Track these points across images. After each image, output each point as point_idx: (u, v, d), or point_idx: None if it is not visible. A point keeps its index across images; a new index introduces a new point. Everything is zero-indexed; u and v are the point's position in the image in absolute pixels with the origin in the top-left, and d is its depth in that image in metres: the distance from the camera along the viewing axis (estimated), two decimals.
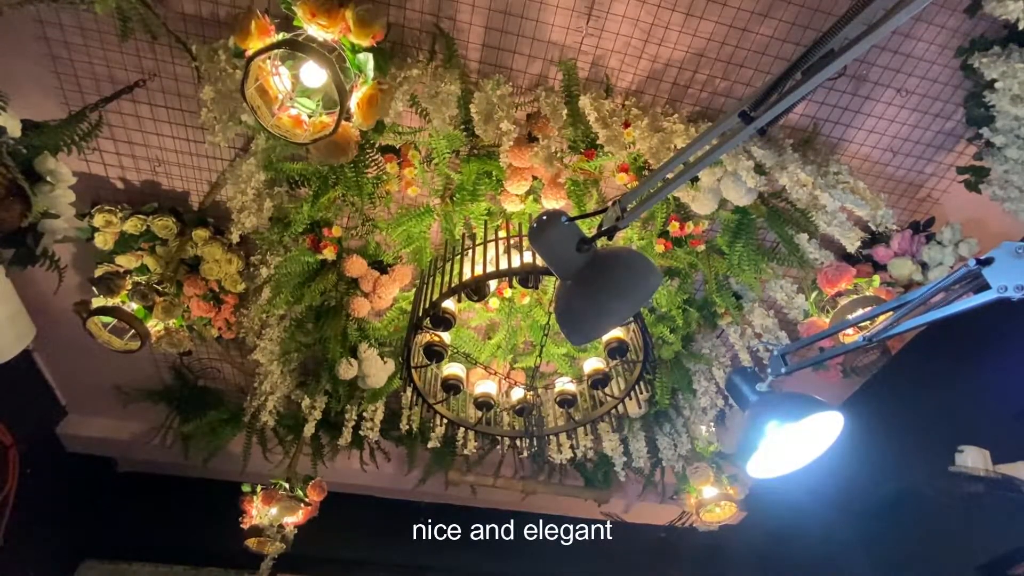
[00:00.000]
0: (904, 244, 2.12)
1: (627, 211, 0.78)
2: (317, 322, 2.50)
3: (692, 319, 2.47)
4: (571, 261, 0.79)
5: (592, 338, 0.86)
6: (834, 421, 0.84)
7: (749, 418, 0.84)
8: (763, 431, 0.80)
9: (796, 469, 0.91)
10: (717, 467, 2.86)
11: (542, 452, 2.79)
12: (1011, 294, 0.52)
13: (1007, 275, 0.52)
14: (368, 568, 4.04)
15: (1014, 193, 1.95)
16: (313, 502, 2.71)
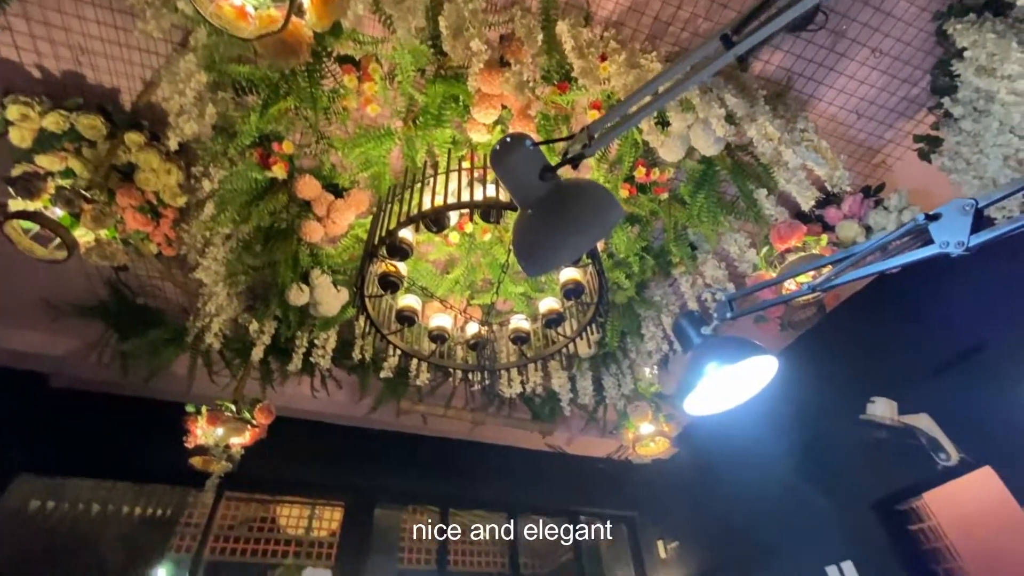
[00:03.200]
0: (854, 207, 2.20)
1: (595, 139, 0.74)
2: (266, 244, 2.38)
3: (648, 266, 2.52)
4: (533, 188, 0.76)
5: (548, 269, 0.85)
6: (769, 365, 0.88)
7: (691, 359, 0.88)
8: (703, 371, 0.83)
9: (728, 408, 0.97)
10: (656, 406, 3.04)
11: (493, 386, 2.87)
12: (951, 250, 0.54)
13: (951, 231, 0.54)
14: (319, 489, 4.17)
15: (961, 165, 2.02)
16: (261, 424, 2.70)
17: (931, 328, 2.73)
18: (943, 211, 0.56)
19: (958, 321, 2.62)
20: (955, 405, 2.51)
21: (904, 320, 2.88)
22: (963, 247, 0.54)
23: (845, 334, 3.17)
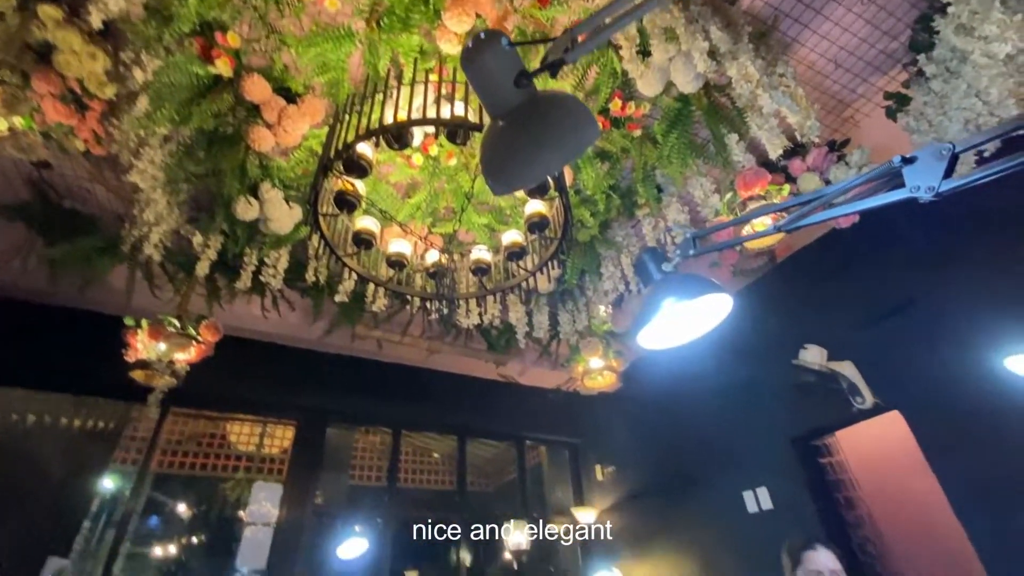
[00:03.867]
0: (818, 160, 2.22)
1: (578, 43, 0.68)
2: (210, 150, 2.19)
3: (613, 205, 2.51)
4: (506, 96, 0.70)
5: (516, 187, 0.81)
6: (723, 303, 0.90)
7: (649, 294, 0.88)
8: (659, 306, 0.84)
9: (679, 344, 0.99)
10: (606, 343, 3.15)
11: (451, 316, 2.88)
12: (921, 195, 0.54)
13: (924, 176, 0.54)
14: (271, 409, 4.17)
15: (924, 126, 2.06)
16: (207, 341, 2.62)
17: (868, 284, 2.90)
18: (919, 155, 0.55)
19: (892, 279, 2.78)
20: (878, 355, 2.73)
21: (844, 275, 3.03)
22: (933, 192, 0.54)
23: (789, 285, 3.32)
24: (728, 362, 3.63)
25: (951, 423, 2.41)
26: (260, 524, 3.72)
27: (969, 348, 2.35)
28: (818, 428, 3.11)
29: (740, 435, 3.48)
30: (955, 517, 2.34)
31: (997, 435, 2.23)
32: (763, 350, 3.37)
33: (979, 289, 2.39)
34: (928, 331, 2.55)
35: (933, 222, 2.64)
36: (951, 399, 2.41)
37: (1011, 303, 2.21)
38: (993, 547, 2.20)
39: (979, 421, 2.30)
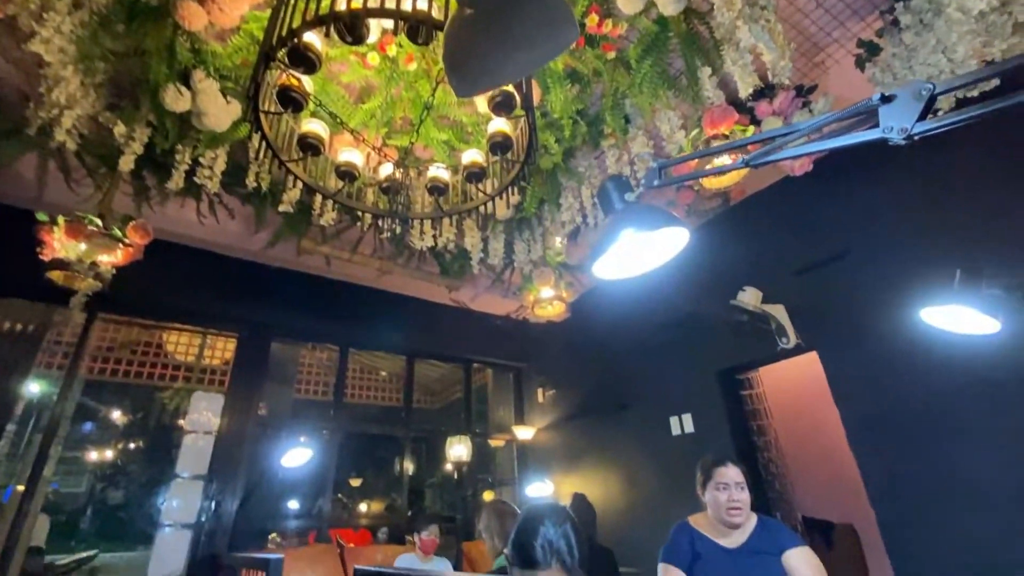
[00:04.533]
0: (784, 104, 2.21)
1: None
2: (131, 24, 1.90)
3: (579, 132, 2.43)
4: None
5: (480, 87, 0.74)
6: (680, 237, 0.91)
7: (610, 223, 0.87)
8: (618, 236, 0.83)
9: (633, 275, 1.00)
10: (559, 274, 3.19)
11: (404, 236, 2.79)
12: (893, 136, 0.54)
13: (899, 116, 0.53)
14: (210, 320, 4.01)
15: (888, 79, 2.07)
16: (135, 244, 2.43)
17: (809, 232, 3.04)
18: (899, 93, 0.54)
19: (832, 229, 2.92)
20: (807, 300, 2.92)
21: (789, 222, 3.16)
22: (905, 134, 0.53)
23: (738, 228, 3.43)
24: (671, 298, 3.79)
25: (861, 366, 2.66)
26: (201, 432, 3.70)
27: (892, 299, 2.55)
28: (744, 364, 3.36)
29: (672, 366, 3.71)
30: (849, 450, 2.65)
31: (899, 381, 2.49)
32: (704, 289, 3.53)
33: (910, 245, 2.56)
34: (857, 281, 2.74)
35: (879, 177, 2.75)
36: (865, 345, 2.64)
37: (935, 259, 2.39)
38: (878, 478, 2.52)
39: (886, 367, 2.55)
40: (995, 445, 2.13)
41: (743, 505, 1.77)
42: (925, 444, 2.35)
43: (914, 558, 2.30)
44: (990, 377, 2.16)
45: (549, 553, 1.14)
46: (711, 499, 1.83)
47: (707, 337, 3.51)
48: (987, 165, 2.37)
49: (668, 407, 3.65)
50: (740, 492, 1.78)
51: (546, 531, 1.16)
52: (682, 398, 3.59)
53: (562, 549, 1.15)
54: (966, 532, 2.16)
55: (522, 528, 1.21)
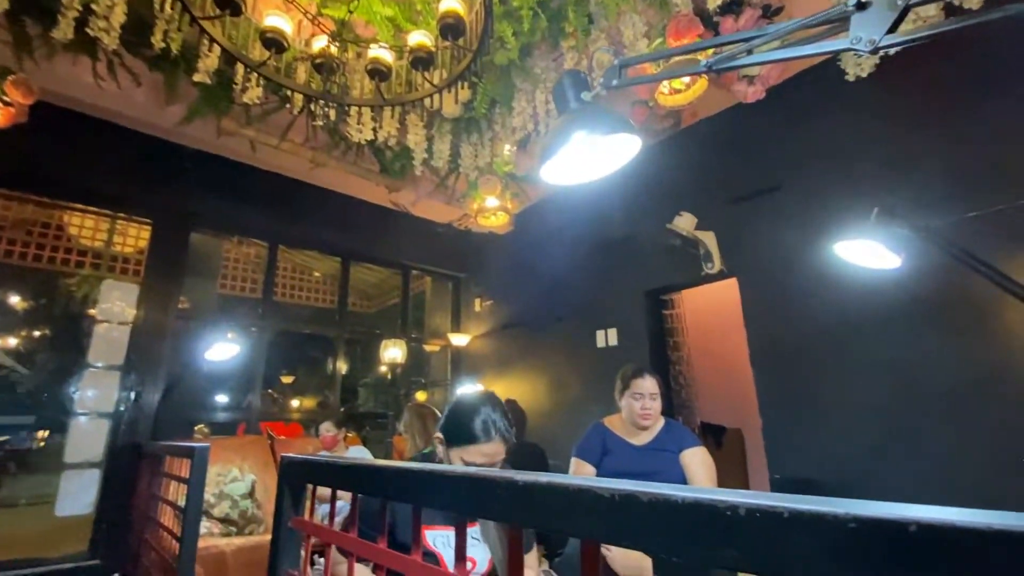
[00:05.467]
0: (748, 23, 2.15)
1: None
2: None
3: (539, 27, 2.25)
4: None
5: None
6: (632, 145, 0.89)
7: (562, 123, 0.83)
8: (570, 137, 0.80)
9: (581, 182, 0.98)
10: (505, 184, 3.11)
11: (340, 125, 2.57)
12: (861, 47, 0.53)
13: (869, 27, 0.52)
14: (115, 203, 3.63)
15: None
16: (16, 103, 2.08)
17: (748, 163, 3.12)
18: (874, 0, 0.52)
19: (770, 162, 3.01)
20: (736, 229, 3.07)
21: (731, 151, 3.22)
22: (872, 46, 0.52)
23: (682, 153, 3.46)
24: (610, 218, 3.85)
25: (774, 294, 2.89)
26: (115, 323, 3.48)
27: (812, 234, 2.72)
28: (669, 285, 3.56)
29: (604, 283, 3.87)
30: (749, 367, 2.95)
31: (805, 309, 2.73)
32: (643, 211, 3.60)
33: (835, 184, 2.70)
34: (783, 215, 2.89)
35: (819, 117, 2.82)
36: (781, 275, 2.86)
37: (855, 199, 2.55)
38: (769, 392, 2.84)
39: (796, 296, 2.78)
40: (871, 373, 2.45)
41: (653, 412, 1.96)
42: (814, 366, 2.66)
43: (786, 458, 2.69)
44: (881, 312, 2.42)
45: (490, 428, 1.25)
46: (626, 405, 2.00)
47: (639, 259, 3.65)
48: (910, 113, 2.48)
49: (596, 322, 3.85)
50: (652, 401, 1.96)
51: (486, 411, 1.27)
52: (610, 314, 3.79)
53: (500, 425, 1.27)
54: (831, 442, 2.54)
55: (461, 410, 1.31)
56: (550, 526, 0.52)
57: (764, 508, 0.37)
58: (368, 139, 2.49)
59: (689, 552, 0.40)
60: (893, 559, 0.29)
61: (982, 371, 2.12)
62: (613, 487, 0.47)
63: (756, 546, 0.37)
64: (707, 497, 0.40)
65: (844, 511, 0.31)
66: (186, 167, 3.60)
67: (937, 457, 2.18)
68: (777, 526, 0.36)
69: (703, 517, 0.40)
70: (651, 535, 0.43)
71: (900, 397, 2.33)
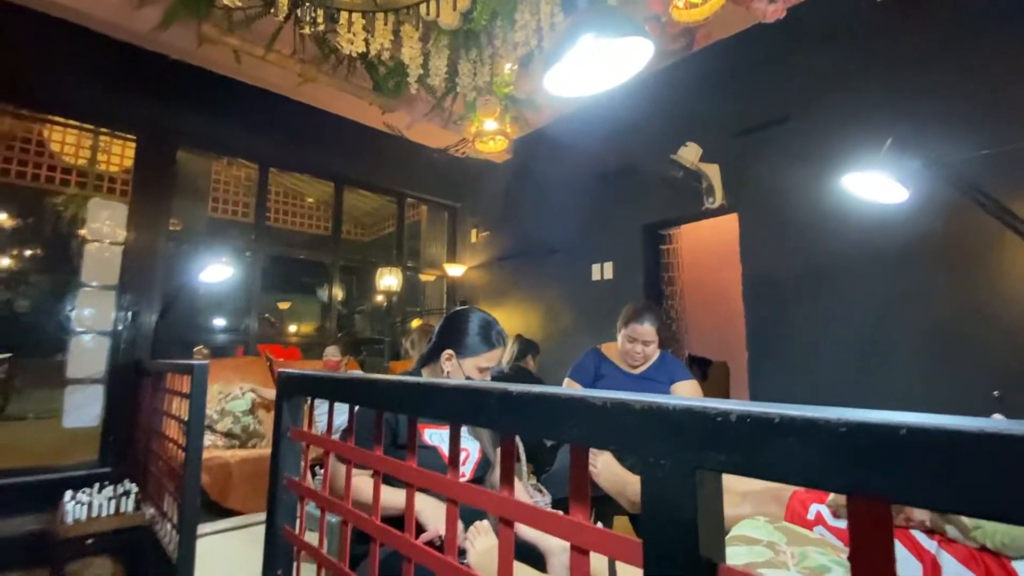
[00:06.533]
0: None
1: None
2: None
3: None
4: None
5: None
6: (644, 50, 0.82)
7: (569, 26, 0.76)
8: (576, 41, 0.73)
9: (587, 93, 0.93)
10: (505, 107, 2.97)
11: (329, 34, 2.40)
12: None
13: None
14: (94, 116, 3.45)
15: None
16: None
17: (758, 92, 2.98)
18: None
19: (781, 92, 2.88)
20: (741, 162, 2.98)
21: (742, 79, 3.06)
22: None
23: (690, 79, 3.29)
24: (611, 149, 3.74)
25: (773, 230, 2.86)
26: (106, 243, 3.43)
27: (818, 168, 2.65)
28: (669, 220, 3.52)
29: (602, 217, 3.82)
30: (740, 303, 2.98)
31: (803, 244, 2.72)
32: (646, 141, 3.49)
33: (846, 116, 2.59)
34: (790, 148, 2.80)
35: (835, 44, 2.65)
36: (783, 210, 2.81)
37: (865, 133, 2.46)
38: (758, 327, 2.89)
39: (796, 231, 2.76)
40: (859, 309, 2.48)
41: (644, 359, 1.99)
42: (804, 301, 2.69)
43: (768, 390, 2.79)
44: (875, 249, 2.42)
45: (501, 336, 1.42)
46: (621, 343, 2.03)
47: (638, 192, 3.57)
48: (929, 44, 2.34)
49: (592, 255, 3.84)
50: (645, 347, 1.99)
51: (492, 322, 1.44)
52: (607, 247, 3.77)
53: (505, 335, 1.44)
54: (813, 376, 2.62)
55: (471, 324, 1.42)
56: (542, 433, 0.54)
57: (755, 414, 0.37)
58: (360, 51, 2.33)
59: (677, 456, 0.41)
60: (882, 461, 0.29)
61: (967, 307, 2.16)
62: (605, 396, 0.47)
63: (745, 450, 0.37)
64: (699, 404, 0.41)
65: (836, 416, 0.32)
66: (169, 79, 3.40)
67: (917, 391, 2.26)
68: (768, 431, 0.36)
69: (694, 422, 0.40)
70: (640, 440, 0.44)
71: (884, 332, 2.38)
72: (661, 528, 0.42)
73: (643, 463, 0.43)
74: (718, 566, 0.39)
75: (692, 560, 0.40)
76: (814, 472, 0.33)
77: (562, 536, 0.51)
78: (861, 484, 0.30)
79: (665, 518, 0.41)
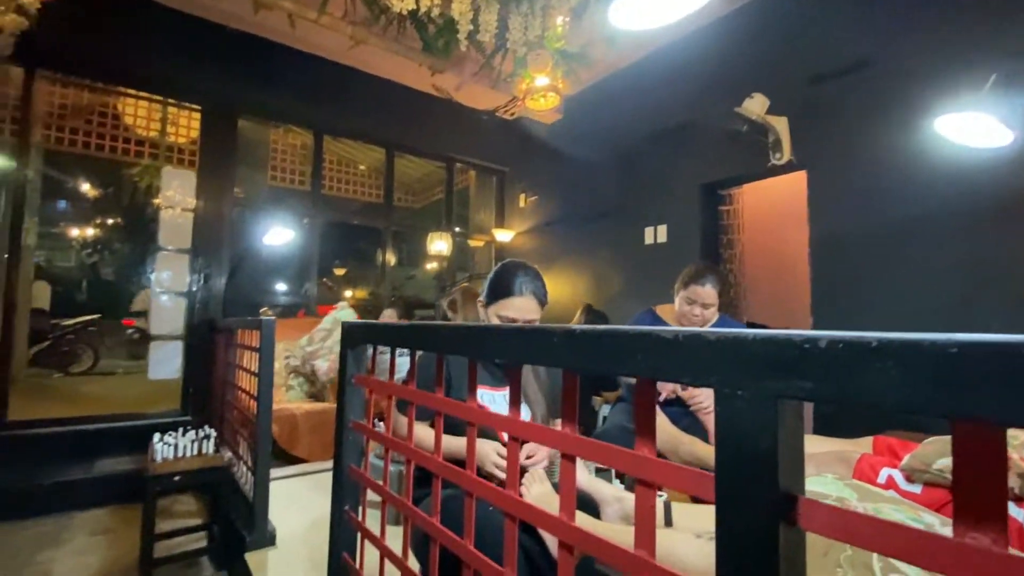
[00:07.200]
0: None
1: None
2: None
3: None
4: None
5: None
6: None
7: None
8: None
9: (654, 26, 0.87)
10: (556, 61, 2.88)
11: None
12: None
13: None
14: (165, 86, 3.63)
15: None
16: None
17: (832, 37, 2.72)
18: None
19: (856, 36, 2.62)
20: (811, 115, 2.77)
21: (814, 24, 2.81)
22: None
23: (757, 23, 3.06)
24: (666, 104, 3.56)
25: (846, 187, 2.65)
26: (178, 209, 3.65)
27: (902, 116, 2.42)
28: (729, 179, 3.34)
29: (656, 177, 3.67)
30: (803, 266, 2.81)
31: (879, 203, 2.51)
32: (704, 95, 3.30)
33: (936, 56, 2.33)
34: (869, 96, 2.56)
35: None
36: (858, 165, 2.60)
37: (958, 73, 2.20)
38: (824, 292, 2.73)
39: (871, 188, 2.55)
40: (941, 273, 2.28)
41: (703, 322, 1.93)
42: (882, 267, 2.50)
43: None
44: (966, 207, 2.19)
45: (523, 285, 1.39)
46: (679, 305, 1.97)
47: (697, 150, 3.40)
48: None
49: (646, 218, 3.72)
50: (704, 310, 1.92)
51: (518, 271, 1.41)
52: (661, 209, 3.64)
53: (532, 286, 1.40)
54: None
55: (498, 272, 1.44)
56: (608, 368, 0.53)
57: (849, 339, 0.35)
58: (410, 8, 2.31)
59: (757, 385, 0.39)
60: (999, 382, 0.27)
61: None
62: (676, 329, 0.46)
63: (836, 376, 0.35)
64: (781, 333, 0.39)
65: (945, 338, 0.30)
66: (228, 49, 3.51)
67: None
68: (862, 356, 0.34)
69: (777, 351, 0.38)
70: (715, 370, 0.42)
71: (974, 302, 2.18)
72: (737, 460, 0.40)
73: (719, 394, 0.41)
74: (798, 499, 0.38)
75: (770, 492, 0.38)
76: (916, 397, 0.31)
77: (628, 471, 0.51)
78: (972, 407, 0.28)
79: (742, 450, 0.40)
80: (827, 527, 0.37)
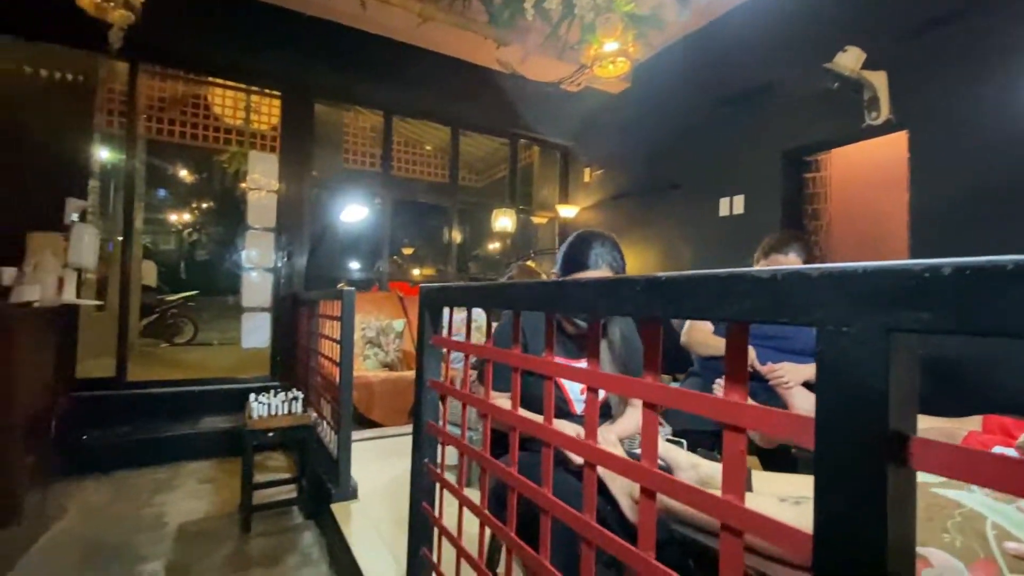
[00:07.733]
0: None
1: None
2: None
3: None
4: None
5: None
6: None
7: None
8: None
9: None
10: (626, 24, 2.76)
11: None
12: None
13: None
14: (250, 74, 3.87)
15: None
16: None
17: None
18: None
19: None
20: (913, 68, 2.48)
21: None
22: None
23: None
24: (745, 64, 3.32)
25: (953, 147, 2.38)
26: (264, 191, 3.92)
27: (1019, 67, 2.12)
28: (816, 143, 3.08)
29: (731, 145, 3.47)
30: (899, 239, 2.56)
31: (994, 164, 2.23)
32: (788, 51, 3.05)
33: None
34: (980, 47, 2.26)
35: None
36: (970, 121, 2.32)
37: None
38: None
39: (983, 147, 2.27)
40: None
41: None
42: (996, 239, 2.23)
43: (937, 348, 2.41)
44: None
45: (599, 257, 1.31)
46: None
47: (779, 113, 3.16)
48: None
49: (720, 188, 3.54)
50: None
51: (595, 243, 1.34)
52: (737, 179, 3.44)
53: (608, 257, 1.33)
54: None
55: (573, 242, 1.36)
56: (697, 314, 0.52)
57: (977, 264, 0.32)
58: None
59: (867, 319, 0.37)
60: None
61: None
62: (773, 268, 0.44)
63: (960, 305, 0.33)
64: (896, 263, 0.36)
65: None
66: (303, 35, 3.68)
67: None
68: (995, 281, 0.32)
69: (891, 281, 0.36)
70: (818, 307, 0.40)
71: None
72: (842, 401, 0.38)
73: (821, 333, 0.39)
74: (909, 439, 0.36)
75: (879, 433, 0.36)
76: None
77: (716, 416, 0.50)
78: None
79: (847, 390, 0.38)
80: (944, 466, 0.34)
